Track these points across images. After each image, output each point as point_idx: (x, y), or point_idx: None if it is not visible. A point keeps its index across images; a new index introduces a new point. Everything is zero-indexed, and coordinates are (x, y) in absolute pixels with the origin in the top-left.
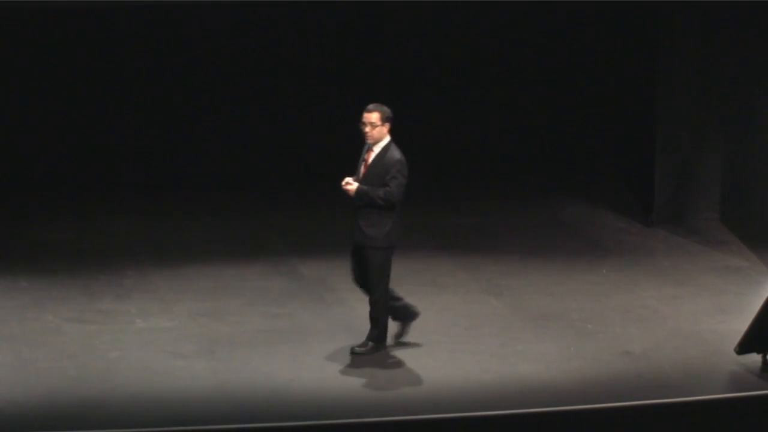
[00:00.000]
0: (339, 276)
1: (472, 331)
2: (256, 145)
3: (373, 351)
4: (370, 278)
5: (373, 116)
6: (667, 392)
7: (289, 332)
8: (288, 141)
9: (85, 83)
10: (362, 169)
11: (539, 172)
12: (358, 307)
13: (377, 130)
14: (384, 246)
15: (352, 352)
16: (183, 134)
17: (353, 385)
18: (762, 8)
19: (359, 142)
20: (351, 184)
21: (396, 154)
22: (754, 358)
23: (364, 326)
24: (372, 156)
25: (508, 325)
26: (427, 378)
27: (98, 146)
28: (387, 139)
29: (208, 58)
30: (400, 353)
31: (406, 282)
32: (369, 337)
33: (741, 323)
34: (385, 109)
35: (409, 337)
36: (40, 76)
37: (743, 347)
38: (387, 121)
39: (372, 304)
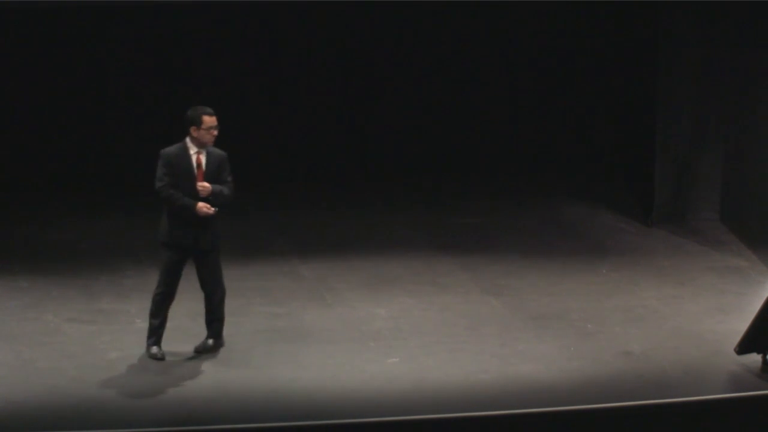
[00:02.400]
0: (339, 276)
1: (472, 331)
2: (256, 145)
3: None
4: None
5: (216, 119)
6: (667, 392)
7: (289, 332)
8: (288, 141)
9: (85, 83)
10: (198, 175)
11: (539, 172)
12: (358, 306)
13: (217, 133)
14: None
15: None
16: (181, 134)
17: (353, 385)
18: (762, 8)
19: (358, 142)
20: (206, 187)
21: (218, 149)
22: (754, 358)
23: (365, 326)
24: (204, 159)
25: (508, 325)
26: (427, 378)
27: (98, 146)
28: None
29: (208, 58)
30: (400, 353)
31: (406, 282)
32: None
33: (741, 323)
34: None
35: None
36: (39, 76)
37: (743, 347)
38: None
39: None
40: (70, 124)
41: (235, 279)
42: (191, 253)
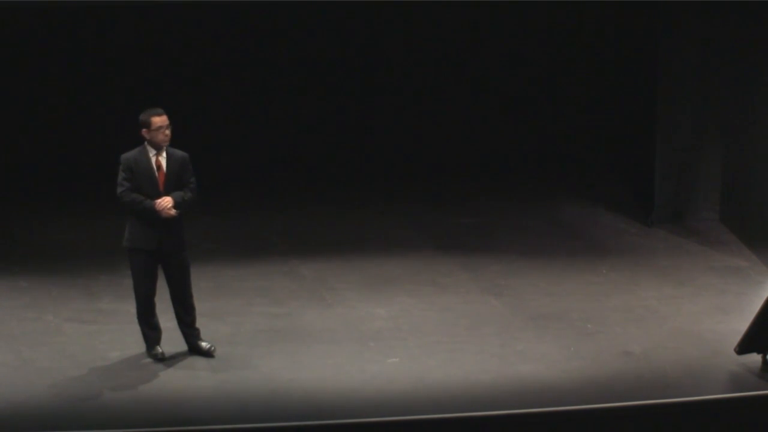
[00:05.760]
0: (339, 276)
1: (472, 331)
2: (257, 145)
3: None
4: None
5: (166, 118)
6: (667, 392)
7: (289, 332)
8: (288, 141)
9: (85, 83)
10: (159, 178)
11: (539, 172)
12: (358, 306)
13: (170, 132)
14: (126, 246)
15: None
16: (182, 134)
17: (353, 385)
18: (762, 8)
19: (358, 142)
20: (168, 200)
21: (179, 151)
22: (754, 358)
23: (364, 326)
24: (163, 161)
25: (508, 325)
26: (427, 378)
27: (98, 146)
28: None
29: (208, 58)
30: (400, 353)
31: (406, 282)
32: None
33: (741, 323)
34: None
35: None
36: (39, 76)
37: (743, 347)
38: None
39: None
40: (70, 124)
41: (235, 279)
42: (157, 256)
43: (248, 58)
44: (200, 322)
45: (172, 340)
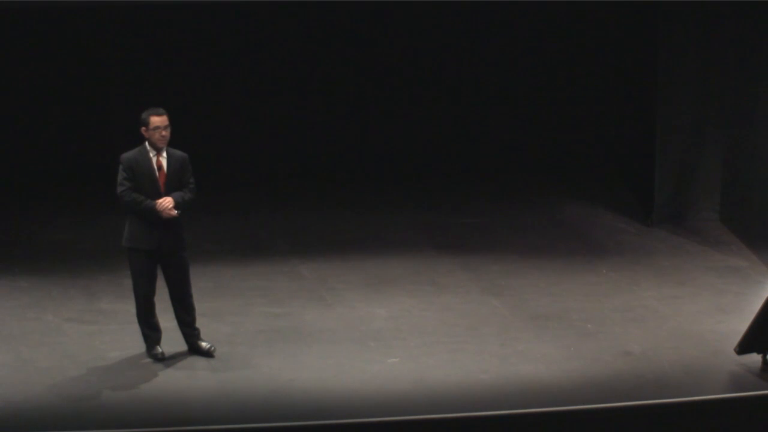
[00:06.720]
0: (339, 276)
1: (472, 331)
2: (257, 145)
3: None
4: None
5: (166, 119)
6: (667, 392)
7: (289, 332)
8: (288, 141)
9: (86, 83)
10: (160, 178)
11: (539, 172)
12: (358, 306)
13: (169, 132)
14: (126, 246)
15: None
16: (182, 134)
17: (353, 385)
18: (762, 8)
19: (359, 142)
20: (169, 201)
21: (178, 151)
22: (754, 358)
23: (365, 326)
24: (164, 161)
25: (508, 325)
26: (427, 378)
27: (98, 146)
28: None
29: (208, 58)
30: (400, 353)
31: (406, 282)
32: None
33: (741, 323)
34: None
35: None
36: (39, 76)
37: (743, 347)
38: None
39: None
40: (70, 124)
41: (235, 279)
42: (156, 256)
43: (248, 58)
44: (200, 322)
45: (172, 340)
